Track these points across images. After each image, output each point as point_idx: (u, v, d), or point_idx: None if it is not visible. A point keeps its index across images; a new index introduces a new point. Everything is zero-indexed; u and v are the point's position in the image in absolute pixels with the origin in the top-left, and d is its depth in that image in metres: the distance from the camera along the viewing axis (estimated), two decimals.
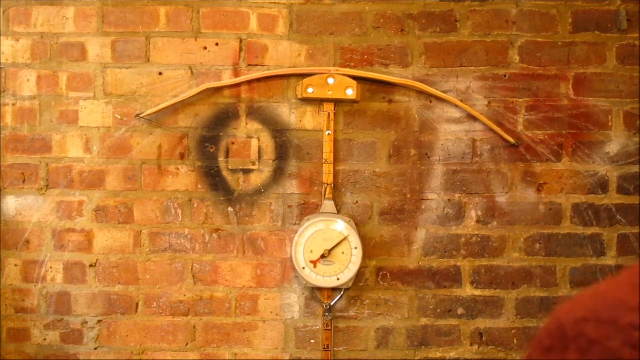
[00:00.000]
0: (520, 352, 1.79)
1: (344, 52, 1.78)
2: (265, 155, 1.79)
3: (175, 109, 1.78)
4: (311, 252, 1.73)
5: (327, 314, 1.76)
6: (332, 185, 1.76)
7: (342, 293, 1.78)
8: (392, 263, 1.79)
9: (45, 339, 1.79)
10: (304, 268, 1.73)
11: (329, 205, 1.75)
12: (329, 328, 1.77)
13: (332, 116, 1.76)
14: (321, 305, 1.77)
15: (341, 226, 1.73)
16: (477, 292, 1.79)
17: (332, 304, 1.77)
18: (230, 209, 1.79)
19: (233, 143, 1.79)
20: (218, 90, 1.78)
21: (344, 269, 1.73)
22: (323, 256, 1.72)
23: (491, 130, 1.77)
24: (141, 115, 1.76)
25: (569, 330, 0.48)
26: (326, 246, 1.72)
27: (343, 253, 1.73)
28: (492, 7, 1.78)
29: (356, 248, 1.73)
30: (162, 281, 1.79)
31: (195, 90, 1.76)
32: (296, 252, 1.73)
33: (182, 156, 1.79)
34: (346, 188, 1.78)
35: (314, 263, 1.73)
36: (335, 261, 1.73)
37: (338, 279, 1.73)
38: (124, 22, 1.79)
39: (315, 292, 1.78)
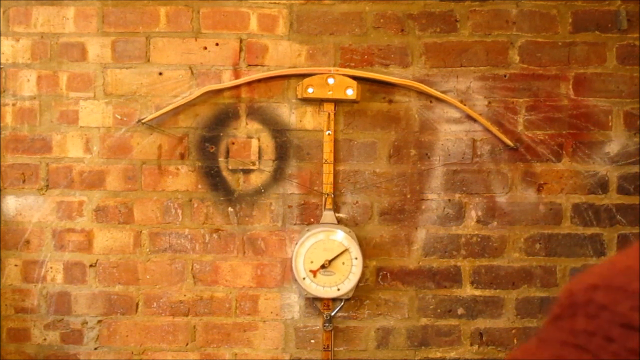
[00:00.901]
0: None
1: (344, 52, 1.78)
2: (265, 155, 1.79)
3: (175, 110, 1.78)
4: (311, 262, 1.72)
5: (327, 324, 1.76)
6: (332, 196, 1.75)
7: (342, 303, 1.77)
8: (392, 263, 1.79)
9: (45, 339, 1.79)
10: (304, 278, 1.72)
11: (329, 215, 1.75)
12: (329, 328, 1.77)
13: (332, 116, 1.76)
14: (321, 315, 1.77)
15: (341, 236, 1.73)
16: (477, 292, 1.79)
17: (332, 314, 1.77)
18: (230, 209, 1.79)
19: (233, 143, 1.79)
20: (218, 90, 1.78)
21: (344, 279, 1.72)
22: (323, 266, 1.72)
23: (491, 130, 1.77)
24: (143, 121, 1.76)
25: (579, 297, 0.48)
26: (326, 256, 1.72)
27: (343, 263, 1.72)
28: (492, 7, 1.78)
29: (356, 258, 1.72)
30: (162, 281, 1.79)
31: (197, 93, 1.76)
32: (296, 262, 1.72)
33: (182, 156, 1.79)
34: (346, 188, 1.78)
35: (314, 273, 1.72)
36: (336, 271, 1.72)
37: (338, 289, 1.73)
38: (124, 22, 1.79)
39: (315, 303, 1.78)
